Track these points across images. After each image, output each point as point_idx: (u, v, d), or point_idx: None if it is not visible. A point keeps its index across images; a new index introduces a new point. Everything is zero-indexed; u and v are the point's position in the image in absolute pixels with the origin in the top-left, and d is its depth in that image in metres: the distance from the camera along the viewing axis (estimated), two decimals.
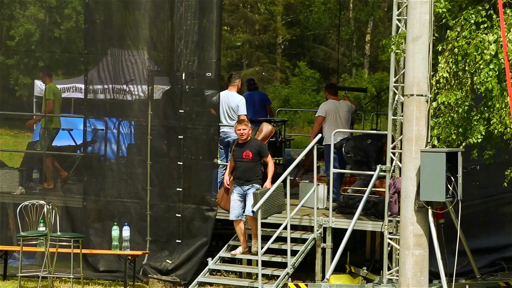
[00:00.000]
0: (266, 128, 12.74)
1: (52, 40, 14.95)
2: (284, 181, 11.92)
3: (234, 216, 11.97)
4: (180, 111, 12.73)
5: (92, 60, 13.38)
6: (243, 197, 11.90)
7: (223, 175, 12.49)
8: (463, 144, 9.86)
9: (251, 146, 11.92)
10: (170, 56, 12.88)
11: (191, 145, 12.75)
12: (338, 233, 12.11)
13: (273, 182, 11.85)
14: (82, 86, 16.76)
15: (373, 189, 11.90)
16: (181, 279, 12.24)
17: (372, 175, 11.69)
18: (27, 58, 16.47)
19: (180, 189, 12.68)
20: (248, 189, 11.84)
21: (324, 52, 35.21)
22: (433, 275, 10.75)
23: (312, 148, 12.21)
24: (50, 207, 11.93)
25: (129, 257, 12.33)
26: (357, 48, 35.27)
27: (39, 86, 17.99)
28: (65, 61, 15.23)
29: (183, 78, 12.67)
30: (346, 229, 11.50)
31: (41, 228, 12.30)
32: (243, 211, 11.90)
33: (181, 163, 12.68)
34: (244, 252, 12.04)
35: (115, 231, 12.41)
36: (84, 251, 12.13)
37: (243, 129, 11.90)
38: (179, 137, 12.71)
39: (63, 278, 12.25)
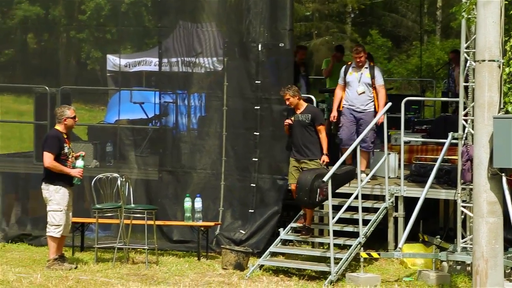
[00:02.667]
0: None
1: (121, 14, 15.12)
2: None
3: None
4: (256, 81, 12.76)
5: (165, 33, 13.49)
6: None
7: None
8: None
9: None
10: (239, 27, 12.91)
11: (267, 116, 12.78)
12: (410, 202, 12.03)
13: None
14: (153, 59, 16.97)
15: (445, 157, 11.76)
16: (253, 248, 12.35)
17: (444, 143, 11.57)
18: (97, 32, 16.68)
19: (256, 159, 12.74)
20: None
21: (394, 19, 34.74)
22: (509, 243, 10.61)
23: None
24: (124, 179, 12.13)
25: (202, 228, 12.49)
26: (429, 14, 34.68)
27: (112, 60, 18.24)
28: (134, 35, 15.39)
29: (259, 49, 12.69)
30: (418, 198, 11.41)
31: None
32: None
33: (258, 134, 12.74)
34: None
35: (187, 203, 12.58)
36: (157, 222, 12.32)
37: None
38: (255, 107, 12.75)
39: (138, 249, 12.47)
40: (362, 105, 12.58)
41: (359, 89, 12.47)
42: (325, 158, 11.70)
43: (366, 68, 12.62)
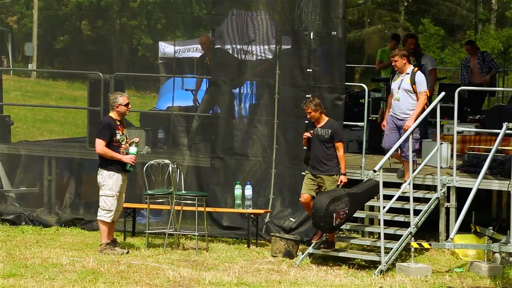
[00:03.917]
0: None
1: (172, 1, 15.16)
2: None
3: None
4: (307, 70, 12.72)
5: (218, 20, 13.53)
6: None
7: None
8: None
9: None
10: (292, 15, 12.88)
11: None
12: (462, 193, 11.92)
13: None
14: None
15: (499, 147, 11.62)
16: (303, 236, 12.35)
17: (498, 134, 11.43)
18: (148, 20, 16.78)
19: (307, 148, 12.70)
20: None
21: (448, 8, 34.36)
22: None
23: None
24: (175, 166, 12.21)
25: (252, 216, 12.52)
26: (484, 3, 34.26)
27: (163, 48, 18.36)
28: (187, 22, 15.44)
29: (311, 37, 12.64)
30: (471, 188, 11.28)
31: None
32: None
33: (308, 122, 12.70)
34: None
35: (237, 190, 12.62)
36: (208, 209, 12.39)
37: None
38: (307, 96, 12.71)
39: (189, 235, 12.56)
40: (402, 112, 11.99)
41: (396, 96, 12.14)
42: (342, 178, 11.30)
43: (408, 74, 11.99)
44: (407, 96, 11.95)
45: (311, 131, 11.52)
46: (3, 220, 13.99)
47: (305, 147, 11.77)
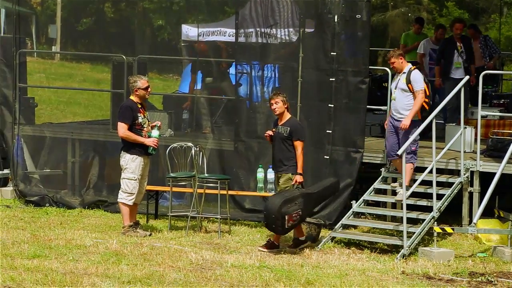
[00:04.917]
0: None
1: None
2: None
3: None
4: (331, 53, 12.66)
5: (241, 3, 13.49)
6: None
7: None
8: None
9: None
10: None
11: (342, 88, 12.67)
12: (486, 177, 11.86)
13: None
14: (227, 29, 17.03)
15: None
16: (325, 219, 12.34)
17: None
18: (170, 3, 16.75)
19: (330, 132, 12.67)
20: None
21: None
22: None
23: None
24: (198, 149, 12.24)
25: None
26: None
27: (186, 30, 18.35)
28: (209, 5, 15.42)
29: (335, 20, 12.56)
30: (495, 173, 11.23)
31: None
32: None
33: (332, 106, 12.66)
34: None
35: (260, 174, 12.62)
36: (230, 192, 12.41)
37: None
38: (330, 79, 12.66)
39: (211, 218, 12.60)
40: (397, 112, 11.85)
41: (393, 96, 12.03)
42: (298, 179, 11.08)
43: (404, 73, 11.86)
44: (402, 95, 11.81)
45: (274, 129, 11.37)
46: (28, 202, 14.12)
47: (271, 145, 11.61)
